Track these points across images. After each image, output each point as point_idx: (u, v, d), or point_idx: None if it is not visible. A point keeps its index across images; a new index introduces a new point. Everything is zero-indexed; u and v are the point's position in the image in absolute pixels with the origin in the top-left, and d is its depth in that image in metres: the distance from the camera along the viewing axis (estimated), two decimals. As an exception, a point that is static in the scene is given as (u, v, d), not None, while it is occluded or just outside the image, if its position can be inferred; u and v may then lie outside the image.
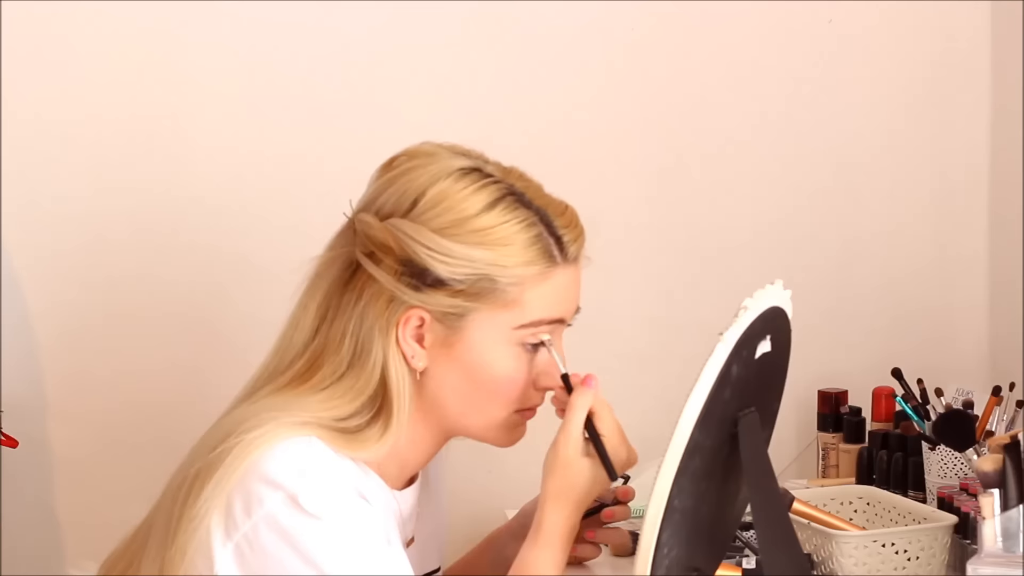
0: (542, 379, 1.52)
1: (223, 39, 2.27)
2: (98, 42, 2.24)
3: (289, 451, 1.42)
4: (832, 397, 2.33)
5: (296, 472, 1.40)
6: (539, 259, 1.48)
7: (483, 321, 1.48)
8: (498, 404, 1.51)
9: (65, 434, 2.26)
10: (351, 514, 1.41)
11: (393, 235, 1.47)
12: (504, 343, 1.49)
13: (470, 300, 1.47)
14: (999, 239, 2.49)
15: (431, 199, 1.48)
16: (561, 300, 1.51)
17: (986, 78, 2.49)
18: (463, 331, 1.48)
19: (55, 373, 2.26)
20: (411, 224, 1.47)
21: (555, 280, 1.50)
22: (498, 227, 1.48)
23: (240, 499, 1.41)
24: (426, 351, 1.49)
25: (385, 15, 2.31)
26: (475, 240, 1.47)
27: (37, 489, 2.26)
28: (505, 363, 1.49)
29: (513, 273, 1.47)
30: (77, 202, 2.25)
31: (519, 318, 1.48)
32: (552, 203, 1.53)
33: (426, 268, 1.46)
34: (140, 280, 2.27)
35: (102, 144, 2.25)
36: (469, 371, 1.49)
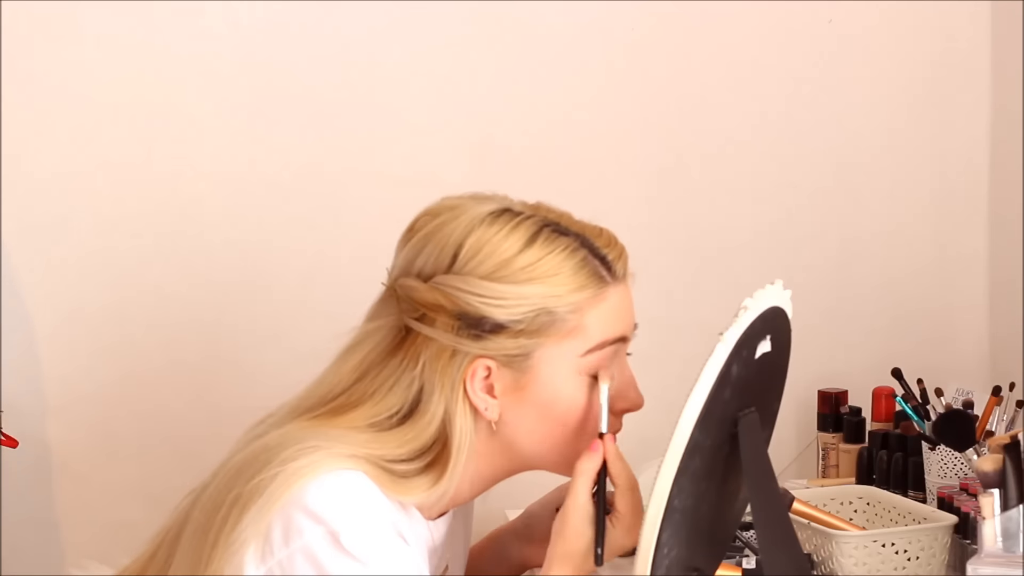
0: (618, 401, 1.51)
1: (223, 39, 2.27)
2: (98, 42, 2.24)
3: (335, 484, 1.40)
4: (832, 397, 2.33)
5: (340, 507, 1.39)
6: (590, 282, 1.47)
7: (550, 356, 1.46)
8: (579, 437, 1.49)
9: (65, 434, 2.26)
10: (391, 560, 1.40)
11: (442, 292, 1.46)
12: (575, 374, 1.47)
13: (533, 337, 1.45)
14: (999, 239, 2.49)
15: (470, 248, 1.47)
16: (619, 318, 1.50)
17: (986, 78, 2.49)
18: (532, 370, 1.46)
19: (55, 373, 2.26)
20: (457, 277, 1.46)
21: (609, 300, 1.49)
22: (543, 259, 1.47)
23: (280, 526, 1.39)
24: (498, 400, 1.47)
25: (385, 15, 2.31)
26: (524, 277, 1.46)
27: (37, 489, 2.26)
28: (580, 394, 1.48)
29: (569, 301, 1.46)
30: (77, 202, 2.25)
31: (584, 344, 1.47)
32: (587, 227, 1.53)
33: (483, 316, 1.45)
34: (140, 280, 2.27)
35: (102, 145, 2.25)
36: (545, 409, 1.48)
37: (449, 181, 2.38)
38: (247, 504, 1.40)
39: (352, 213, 2.32)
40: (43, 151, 2.24)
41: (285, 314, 2.31)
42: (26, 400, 2.23)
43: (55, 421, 2.26)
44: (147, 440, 2.28)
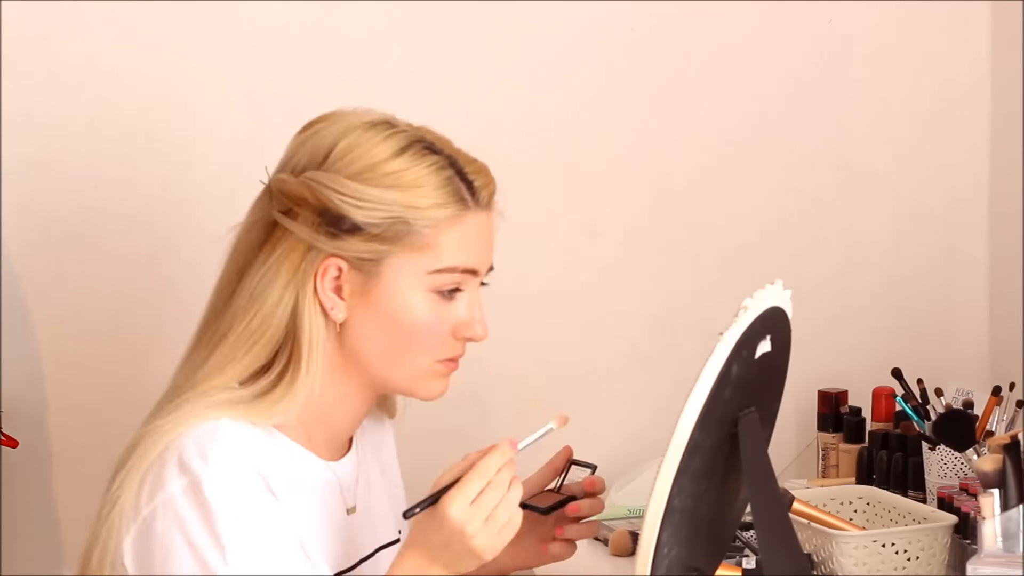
0: (461, 329, 1.52)
1: (223, 40, 2.27)
2: (98, 42, 2.24)
3: (197, 436, 1.43)
4: (832, 397, 2.33)
5: (202, 457, 1.41)
6: (451, 201, 1.49)
7: (399, 266, 1.48)
8: (418, 352, 1.51)
9: (65, 434, 2.26)
10: (253, 508, 1.42)
11: (308, 187, 1.49)
12: (420, 288, 1.49)
13: (386, 244, 1.48)
14: (999, 239, 2.49)
15: (343, 149, 1.50)
16: (475, 247, 1.52)
17: (986, 78, 2.49)
18: (380, 277, 1.49)
19: (55, 373, 2.26)
20: (325, 174, 1.49)
21: (468, 224, 1.51)
22: (409, 170, 1.49)
23: (148, 485, 1.42)
24: (345, 302, 1.49)
25: (385, 15, 2.31)
26: (388, 183, 1.48)
27: (37, 489, 2.26)
28: (423, 309, 1.50)
29: (427, 215, 1.48)
30: (77, 202, 2.25)
31: (434, 262, 1.49)
32: (461, 153, 1.55)
33: (342, 215, 1.47)
34: (140, 280, 2.27)
35: (102, 144, 2.25)
36: (388, 318, 1.49)
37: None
38: (119, 466, 1.44)
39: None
40: (43, 150, 2.24)
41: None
42: (26, 400, 2.23)
43: (55, 421, 2.26)
44: (147, 440, 2.28)
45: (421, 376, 1.53)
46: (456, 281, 1.51)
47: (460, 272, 1.51)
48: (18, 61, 2.20)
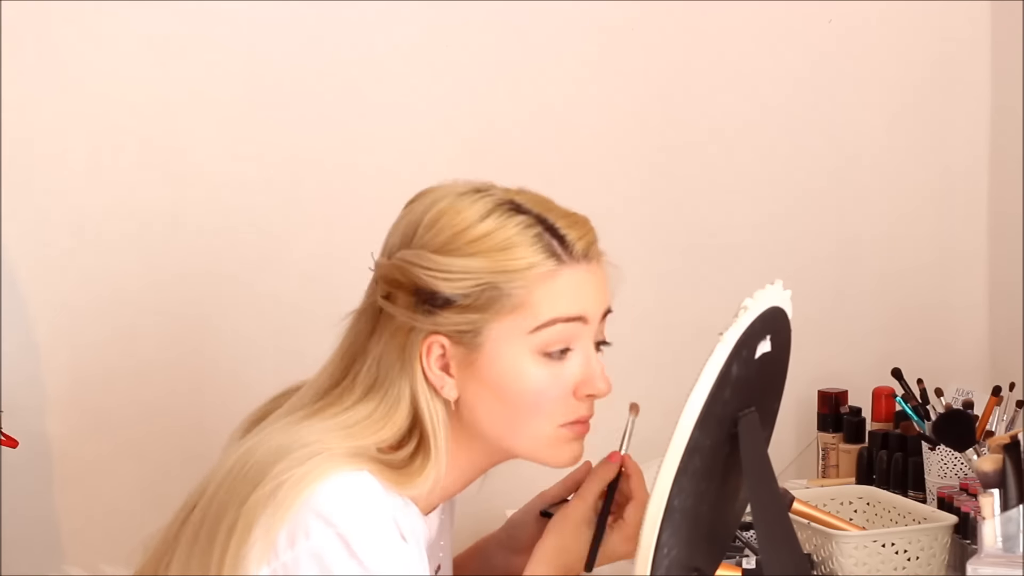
0: (581, 388, 1.49)
1: (222, 40, 2.27)
2: (98, 42, 2.24)
3: (342, 486, 1.40)
4: (832, 397, 2.33)
5: (349, 510, 1.39)
6: (542, 259, 1.45)
7: (500, 333, 1.45)
8: (536, 419, 1.47)
9: (65, 434, 2.26)
10: (398, 563, 1.40)
11: (398, 267, 1.46)
12: (524, 352, 1.46)
13: (480, 312, 1.44)
14: (999, 239, 2.49)
15: (428, 221, 1.47)
16: (576, 298, 1.47)
17: (986, 78, 2.49)
18: (482, 348, 1.45)
19: (55, 373, 2.26)
20: (412, 251, 1.46)
21: (564, 278, 1.46)
22: (494, 233, 1.45)
23: (287, 530, 1.38)
24: (454, 379, 1.46)
25: (385, 15, 2.31)
26: (473, 250, 1.44)
27: (37, 489, 2.26)
28: (532, 372, 1.46)
29: (517, 276, 1.44)
30: (77, 202, 2.25)
31: (532, 320, 1.45)
32: (554, 208, 1.51)
33: (433, 291, 1.44)
34: (140, 280, 2.27)
35: (102, 144, 2.25)
36: (497, 388, 1.46)
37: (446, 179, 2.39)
38: (255, 514, 1.39)
39: (350, 210, 2.32)
40: (43, 150, 2.24)
41: (285, 311, 2.31)
42: (26, 399, 2.23)
43: (55, 420, 2.26)
44: (147, 439, 2.28)
45: (546, 443, 1.49)
46: (562, 337, 1.47)
47: (562, 323, 1.46)
48: (18, 61, 2.20)
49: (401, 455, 1.46)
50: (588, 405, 1.51)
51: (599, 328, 1.52)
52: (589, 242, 1.50)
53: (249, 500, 1.39)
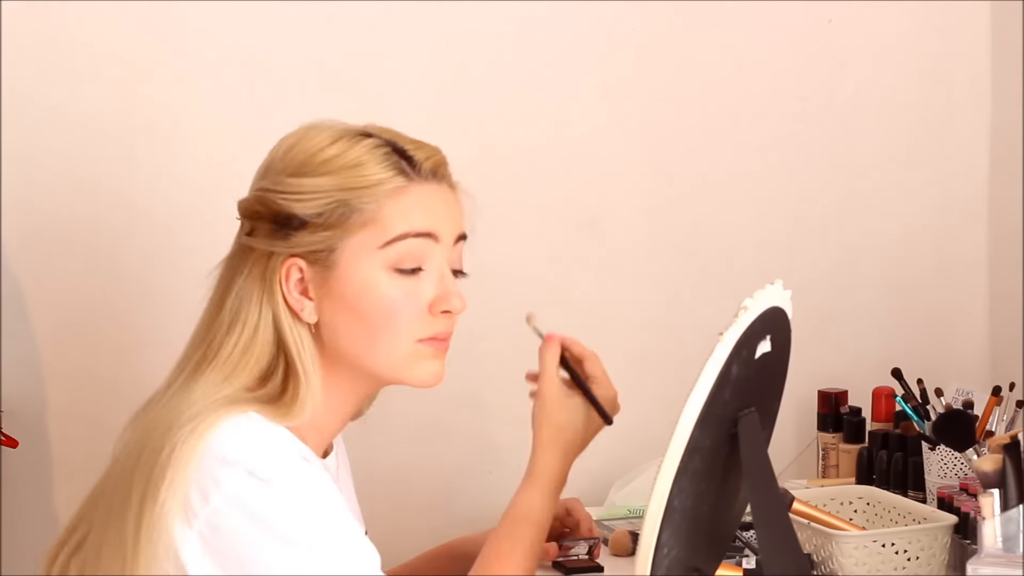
0: (436, 304, 1.51)
1: (222, 40, 2.27)
2: (98, 42, 2.24)
3: (234, 428, 1.43)
4: (832, 397, 2.33)
5: (249, 446, 1.42)
6: (390, 175, 1.50)
7: (352, 250, 1.49)
8: (392, 335, 1.50)
9: (65, 434, 2.26)
10: (306, 477, 1.43)
11: (256, 197, 1.52)
12: (378, 267, 1.49)
13: (332, 230, 1.48)
14: (999, 239, 2.49)
15: (283, 152, 1.53)
16: (425, 214, 1.51)
17: (986, 78, 2.49)
18: (337, 267, 1.49)
19: (55, 373, 2.26)
20: (268, 179, 1.52)
21: (413, 195, 1.51)
22: (344, 153, 1.50)
23: (196, 487, 1.41)
24: (313, 302, 1.50)
25: (386, 14, 2.31)
26: (324, 170, 1.49)
27: (37, 489, 2.26)
28: (385, 287, 1.49)
29: (366, 193, 1.48)
30: (77, 202, 2.25)
31: (382, 235, 1.49)
32: (404, 136, 1.56)
33: (288, 213, 1.49)
34: (140, 280, 2.27)
35: (102, 143, 2.25)
36: (353, 306, 1.49)
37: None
38: (159, 481, 1.42)
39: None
40: (43, 151, 2.24)
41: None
42: (26, 400, 2.23)
43: (55, 421, 2.26)
44: (147, 440, 2.28)
45: (406, 360, 1.52)
46: (412, 253, 1.50)
47: (412, 238, 1.50)
48: (18, 61, 2.20)
49: (271, 387, 1.48)
50: (444, 322, 1.53)
51: (454, 254, 1.55)
52: (437, 162, 1.55)
53: (153, 471, 1.42)
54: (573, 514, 1.93)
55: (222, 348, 1.50)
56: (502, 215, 2.37)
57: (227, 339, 1.50)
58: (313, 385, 1.49)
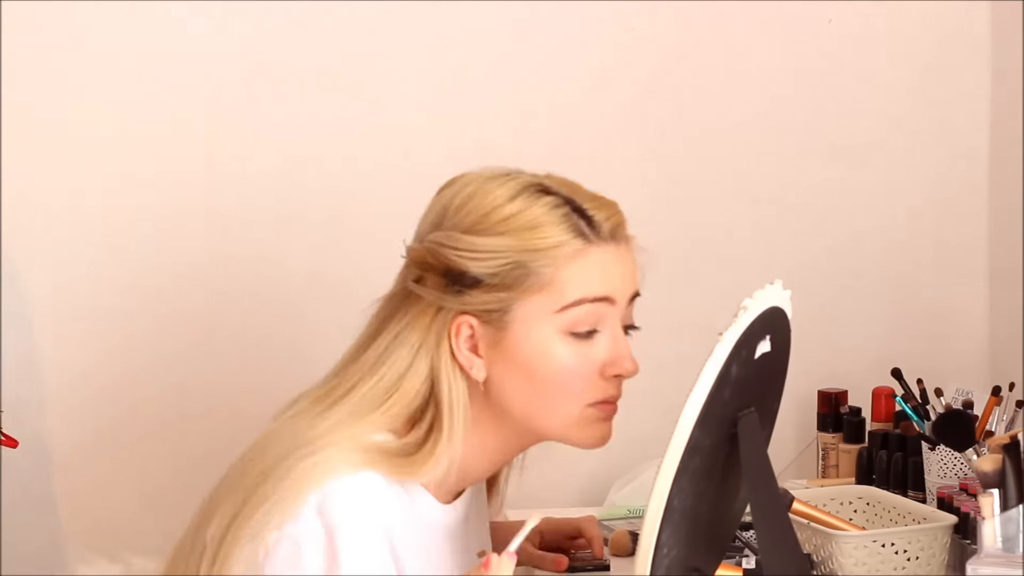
0: (609, 368, 1.50)
1: (222, 40, 2.27)
2: (97, 42, 2.24)
3: (344, 488, 1.41)
4: (832, 397, 2.33)
5: (345, 511, 1.40)
6: (569, 238, 1.47)
7: (527, 312, 1.46)
8: (563, 398, 1.48)
9: (65, 433, 2.26)
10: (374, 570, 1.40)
11: (429, 249, 1.48)
12: (553, 331, 1.47)
13: (508, 291, 1.46)
14: (999, 239, 2.49)
15: (458, 204, 1.49)
16: (603, 278, 1.49)
17: (986, 78, 2.49)
18: (510, 327, 1.47)
19: (55, 373, 2.26)
20: (442, 233, 1.48)
21: (591, 258, 1.48)
22: (522, 213, 1.47)
23: (278, 513, 1.40)
24: (483, 359, 1.48)
25: (385, 14, 2.31)
26: (501, 230, 1.46)
27: (37, 489, 2.26)
28: (558, 352, 1.47)
29: (544, 256, 1.46)
30: (77, 202, 2.25)
31: (558, 300, 1.46)
32: (581, 190, 1.53)
33: (462, 271, 1.46)
34: (140, 279, 2.27)
35: (102, 144, 2.25)
36: (525, 368, 1.47)
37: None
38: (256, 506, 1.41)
39: (354, 211, 2.32)
40: (43, 150, 2.24)
41: (286, 314, 2.31)
42: (26, 400, 2.23)
43: (55, 421, 2.26)
44: (147, 439, 2.28)
45: (575, 423, 1.50)
46: (589, 317, 1.48)
47: (589, 303, 1.48)
48: (18, 61, 2.21)
49: (410, 439, 1.46)
50: (616, 385, 1.52)
51: (627, 311, 1.54)
52: (616, 223, 1.52)
53: (255, 492, 1.41)
54: (584, 534, 1.92)
55: (359, 385, 1.48)
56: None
57: (368, 378, 1.48)
58: (456, 442, 1.46)
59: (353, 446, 1.43)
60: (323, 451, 1.42)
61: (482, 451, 1.51)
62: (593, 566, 1.94)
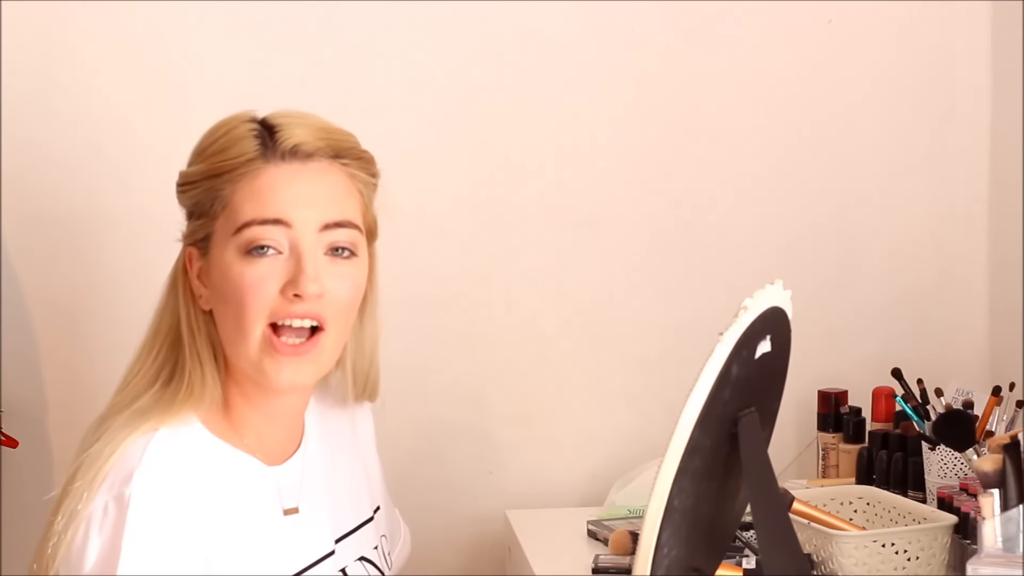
0: (288, 287, 1.46)
1: (222, 41, 2.27)
2: (97, 43, 2.24)
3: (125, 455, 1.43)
4: (832, 397, 2.33)
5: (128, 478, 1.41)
6: (246, 159, 1.47)
7: (217, 237, 1.49)
8: (244, 319, 1.46)
9: (65, 434, 2.26)
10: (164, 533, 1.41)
11: None
12: (232, 252, 1.47)
13: (204, 218, 1.49)
14: (999, 239, 2.49)
15: None
16: (273, 200, 1.46)
17: (986, 78, 2.49)
18: (211, 253, 1.49)
19: (55, 373, 2.26)
20: None
21: (263, 179, 1.47)
22: (220, 139, 1.49)
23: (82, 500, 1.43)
24: (208, 290, 1.50)
25: (383, 20, 2.31)
26: (200, 158, 1.50)
27: (37, 489, 2.26)
28: (235, 271, 1.46)
29: (224, 179, 1.47)
30: (77, 203, 2.25)
31: (234, 222, 1.47)
32: (291, 112, 1.51)
33: (181, 204, 1.53)
34: (140, 280, 2.27)
35: (102, 144, 2.25)
36: (218, 292, 1.48)
37: (450, 183, 2.39)
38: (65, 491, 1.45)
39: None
40: (43, 150, 2.24)
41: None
42: (26, 400, 2.23)
43: (55, 421, 2.26)
44: (147, 440, 2.28)
45: (258, 349, 1.47)
46: (265, 239, 1.46)
47: (258, 226, 1.46)
48: (18, 61, 2.20)
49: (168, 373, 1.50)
50: (299, 307, 1.47)
51: (322, 236, 1.49)
52: (296, 142, 1.48)
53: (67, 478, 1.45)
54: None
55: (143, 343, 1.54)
56: (502, 216, 2.38)
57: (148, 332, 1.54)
58: (206, 369, 1.48)
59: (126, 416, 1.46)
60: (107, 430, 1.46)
61: (244, 398, 1.51)
62: (617, 569, 1.94)
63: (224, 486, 1.48)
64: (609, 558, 1.98)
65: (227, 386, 1.51)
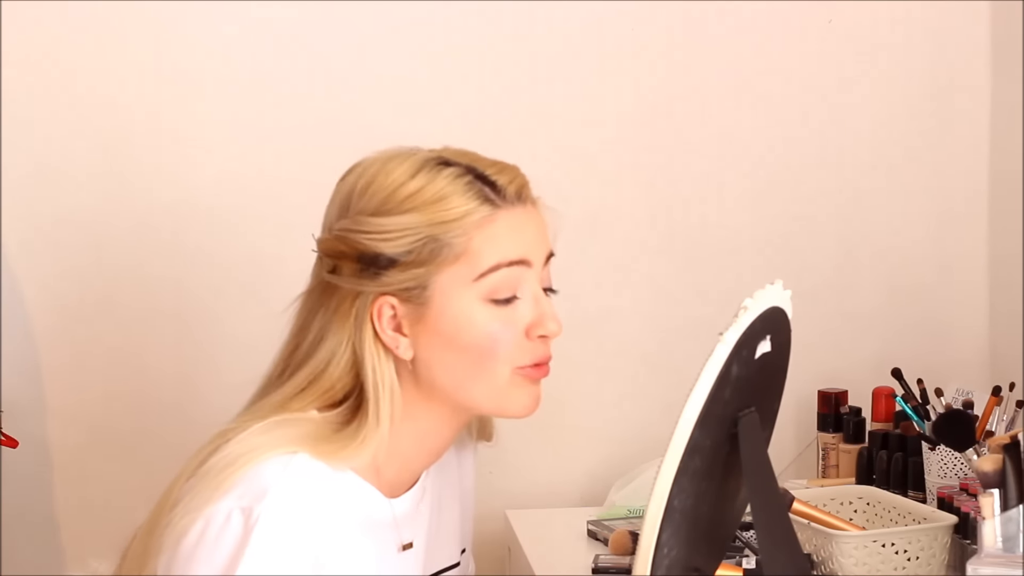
0: (533, 329, 1.50)
1: (223, 42, 2.27)
2: (98, 44, 2.24)
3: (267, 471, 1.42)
4: (832, 397, 2.33)
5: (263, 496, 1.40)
6: (476, 205, 1.47)
7: (445, 284, 1.47)
8: (490, 365, 1.48)
9: (65, 434, 2.26)
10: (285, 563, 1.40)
11: (340, 238, 1.49)
12: (472, 300, 1.47)
13: (423, 267, 1.46)
14: (999, 239, 2.49)
15: (361, 188, 1.49)
16: (516, 241, 1.49)
17: (986, 78, 2.49)
18: (431, 302, 1.47)
19: (55, 373, 2.26)
20: (350, 219, 1.49)
21: (502, 222, 1.48)
22: (426, 187, 1.47)
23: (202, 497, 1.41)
24: (408, 337, 1.48)
25: (385, 20, 2.32)
26: (407, 207, 1.47)
27: (37, 489, 2.26)
28: (480, 319, 1.47)
29: (454, 226, 1.46)
30: (77, 203, 2.25)
31: (475, 268, 1.47)
32: (480, 158, 1.52)
33: (376, 253, 1.46)
34: (140, 281, 2.27)
35: (102, 145, 2.26)
36: (450, 339, 1.48)
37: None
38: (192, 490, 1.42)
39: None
40: (43, 151, 2.24)
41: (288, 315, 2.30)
42: (26, 400, 2.23)
43: (55, 421, 2.26)
44: (147, 440, 2.28)
45: (504, 389, 1.50)
46: (508, 282, 1.48)
47: (505, 268, 1.48)
48: (18, 61, 2.21)
49: (337, 418, 1.47)
50: (541, 347, 1.52)
51: (544, 273, 1.54)
52: (520, 185, 1.52)
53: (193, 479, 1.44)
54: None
55: (293, 379, 1.50)
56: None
57: (299, 373, 1.49)
58: (382, 429, 1.47)
59: (280, 433, 1.44)
60: (251, 438, 1.43)
61: (416, 434, 1.51)
62: (617, 569, 1.94)
63: (349, 520, 1.47)
64: (609, 558, 1.98)
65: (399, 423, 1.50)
